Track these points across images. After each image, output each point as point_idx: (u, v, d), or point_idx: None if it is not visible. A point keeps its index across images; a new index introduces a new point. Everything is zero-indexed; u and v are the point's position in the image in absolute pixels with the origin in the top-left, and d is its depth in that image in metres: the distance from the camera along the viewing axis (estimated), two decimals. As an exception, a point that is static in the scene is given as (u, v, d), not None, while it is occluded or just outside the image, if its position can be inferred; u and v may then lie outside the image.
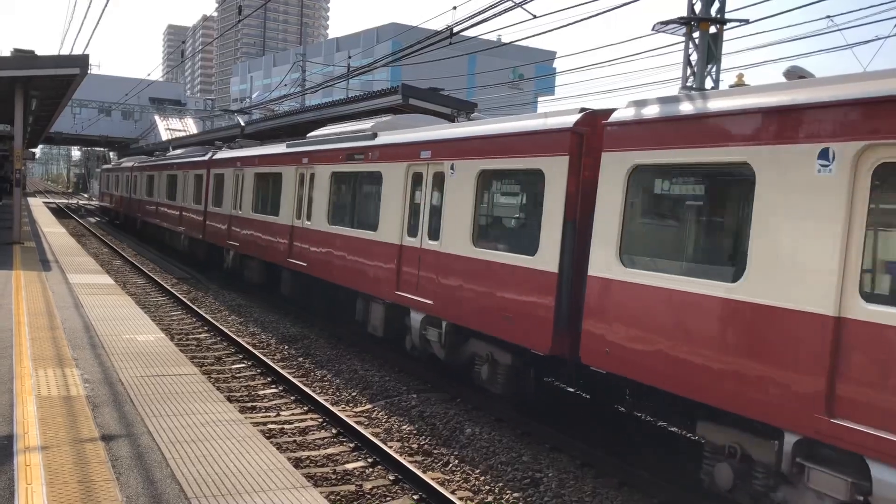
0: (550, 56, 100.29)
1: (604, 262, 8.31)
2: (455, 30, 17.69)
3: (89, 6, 21.04)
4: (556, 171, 9.29)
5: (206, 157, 25.58)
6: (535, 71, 78.87)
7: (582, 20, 16.94)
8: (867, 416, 5.82)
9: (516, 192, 11.26)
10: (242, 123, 33.94)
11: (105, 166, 57.55)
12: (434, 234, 11.77)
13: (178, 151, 33.99)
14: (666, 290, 7.50)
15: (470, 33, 18.42)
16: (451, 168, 11.42)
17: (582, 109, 9.43)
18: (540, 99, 75.86)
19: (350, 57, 60.00)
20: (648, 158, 7.94)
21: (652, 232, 8.50)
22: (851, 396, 5.92)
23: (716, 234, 7.90)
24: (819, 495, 6.26)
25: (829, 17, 15.87)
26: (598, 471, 8.84)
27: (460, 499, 8.00)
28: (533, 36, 49.51)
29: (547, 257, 9.28)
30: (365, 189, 14.64)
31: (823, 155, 6.23)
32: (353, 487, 8.15)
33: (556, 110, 10.20)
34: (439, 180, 11.84)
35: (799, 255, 6.35)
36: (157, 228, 33.47)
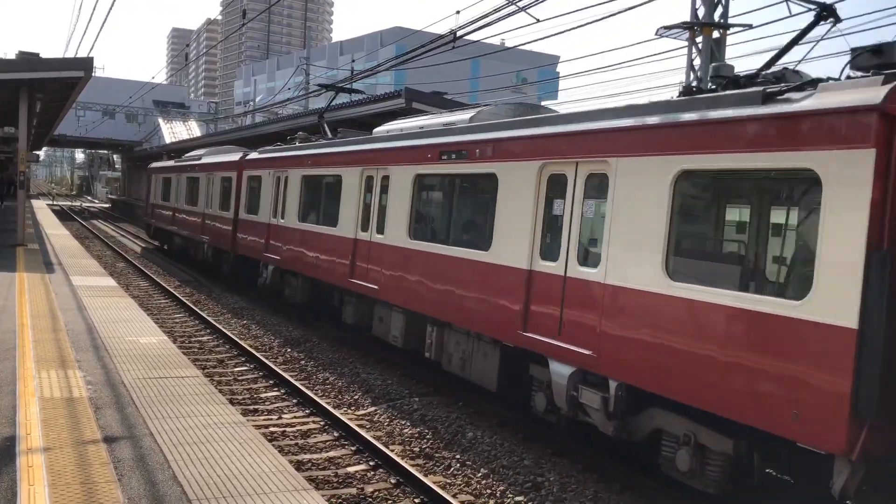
0: (554, 60, 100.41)
1: None
2: (458, 34, 17.73)
3: (94, 9, 21.15)
4: None
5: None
6: (539, 75, 78.94)
7: (585, 24, 16.96)
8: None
9: None
10: None
11: (157, 164, 35.33)
12: None
13: (425, 121, 13.98)
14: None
15: (473, 37, 18.45)
16: None
17: None
18: (543, 103, 75.94)
19: (354, 60, 60.11)
20: None
21: None
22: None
23: None
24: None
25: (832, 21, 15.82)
26: (601, 475, 8.83)
27: (462, 502, 8.00)
28: (536, 40, 49.64)
29: None
30: None
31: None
32: (354, 490, 8.15)
33: None
34: None
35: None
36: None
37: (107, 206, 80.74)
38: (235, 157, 22.76)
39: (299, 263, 16.92)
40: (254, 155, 21.35)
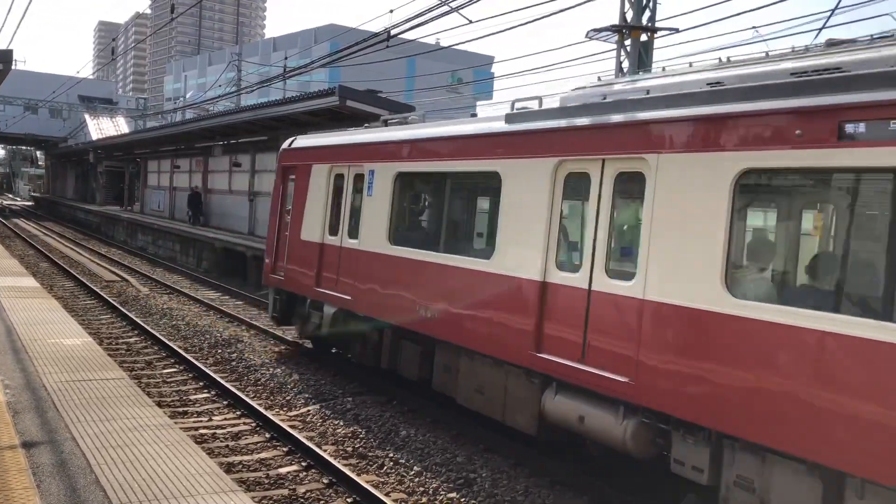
0: (489, 60, 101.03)
1: None
2: (392, 32, 17.73)
3: None
4: None
5: None
6: (474, 75, 79.31)
7: (517, 26, 17.17)
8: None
9: None
10: None
11: (341, 139, 13.00)
12: None
13: None
14: None
15: (408, 36, 18.47)
16: None
17: None
18: (479, 103, 76.34)
19: (287, 57, 59.39)
20: None
21: None
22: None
23: None
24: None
25: (754, 27, 16.44)
26: (531, 470, 8.95)
27: (395, 501, 8.01)
28: (470, 41, 50.02)
29: None
30: None
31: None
32: (286, 492, 8.08)
33: None
34: None
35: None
36: None
37: (30, 204, 77.94)
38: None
39: None
40: None
